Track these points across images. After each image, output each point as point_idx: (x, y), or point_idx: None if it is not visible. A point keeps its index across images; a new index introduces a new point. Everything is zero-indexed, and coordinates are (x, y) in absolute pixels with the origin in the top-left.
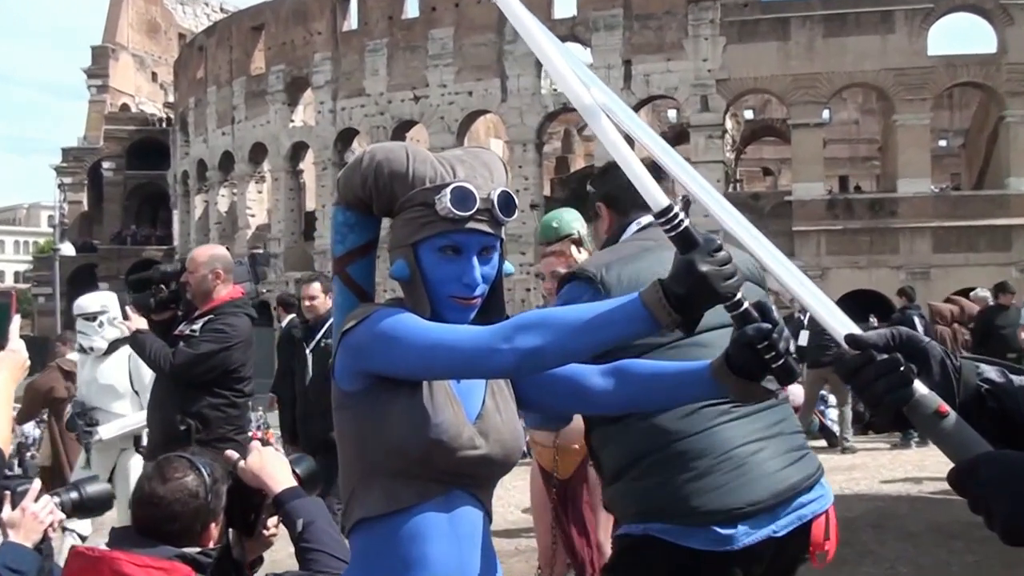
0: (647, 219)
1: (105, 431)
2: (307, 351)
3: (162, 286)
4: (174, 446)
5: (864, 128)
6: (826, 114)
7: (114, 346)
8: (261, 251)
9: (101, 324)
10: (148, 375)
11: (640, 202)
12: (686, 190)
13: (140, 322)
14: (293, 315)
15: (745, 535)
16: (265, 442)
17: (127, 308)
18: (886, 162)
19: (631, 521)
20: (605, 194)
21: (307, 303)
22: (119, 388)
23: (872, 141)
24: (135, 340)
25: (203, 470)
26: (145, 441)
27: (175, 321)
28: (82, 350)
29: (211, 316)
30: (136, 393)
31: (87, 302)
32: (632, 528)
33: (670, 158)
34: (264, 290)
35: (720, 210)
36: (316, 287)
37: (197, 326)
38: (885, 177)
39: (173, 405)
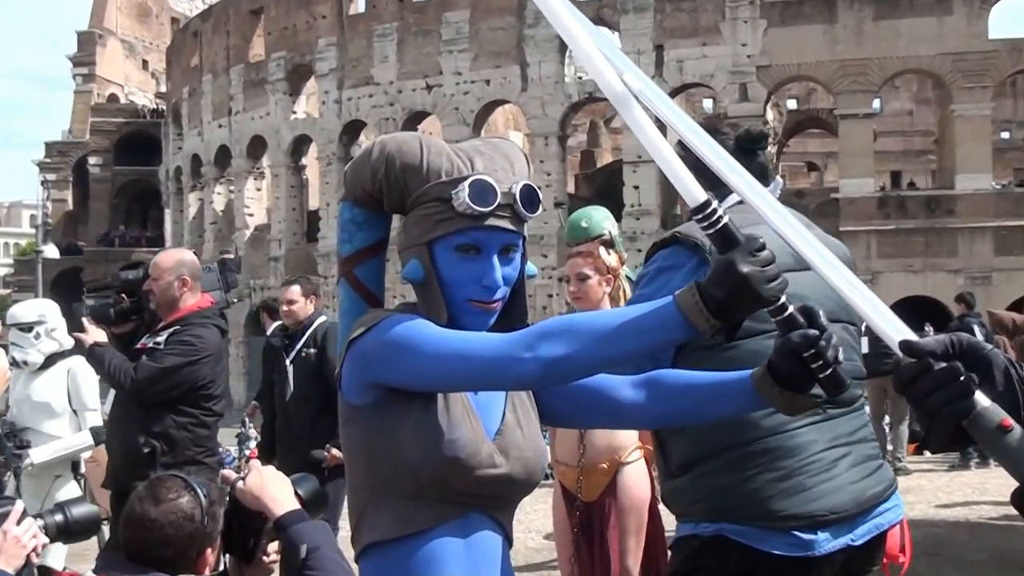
0: (732, 200)
1: (37, 455)
2: (287, 362)
3: (123, 295)
4: (136, 470)
5: (918, 119)
6: (877, 104)
7: (51, 360)
8: (231, 256)
9: (38, 336)
10: (90, 393)
11: (718, 183)
12: (728, 183)
13: (98, 334)
14: (280, 322)
15: (826, 542)
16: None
17: (84, 319)
18: (943, 156)
19: (699, 519)
20: (694, 163)
21: (285, 308)
22: (55, 406)
23: (927, 133)
24: (92, 354)
25: (199, 491)
26: (84, 468)
27: (137, 333)
28: (15, 364)
29: (177, 327)
30: (74, 412)
31: (21, 311)
32: (701, 528)
33: (711, 151)
34: (234, 299)
35: (766, 207)
36: (295, 291)
37: (161, 338)
38: (942, 172)
39: (135, 425)
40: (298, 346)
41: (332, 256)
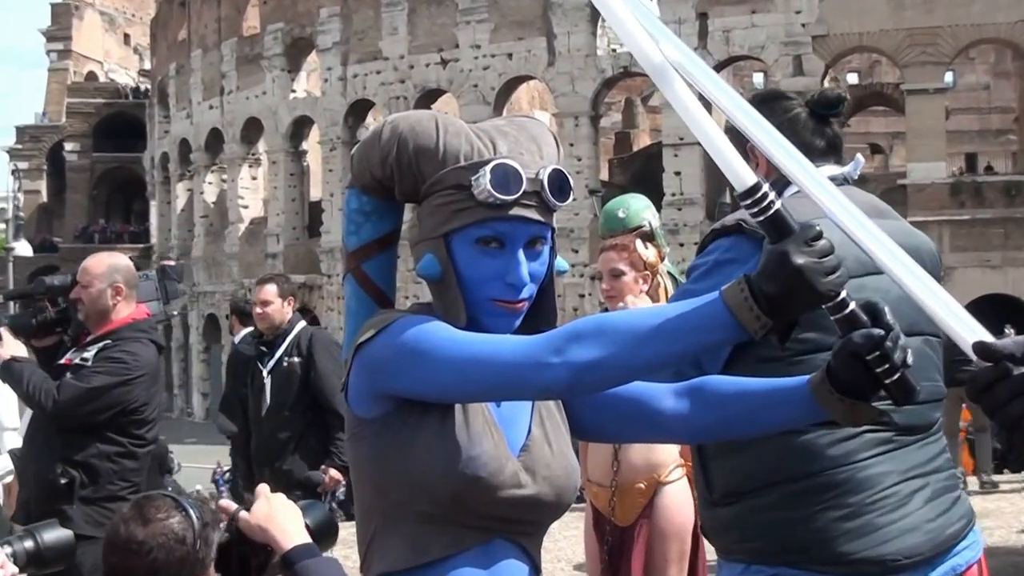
0: (828, 171)
1: None
2: (264, 373)
3: (47, 303)
4: (49, 504)
5: (996, 95)
6: (949, 77)
7: None
8: (174, 263)
9: None
10: (7, 412)
11: (816, 150)
12: (781, 169)
13: (15, 347)
14: (251, 328)
15: None
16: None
17: (0, 330)
18: None
19: (750, 560)
20: (744, 147)
21: (259, 311)
22: None
23: (1006, 110)
24: (8, 370)
25: (191, 511)
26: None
27: (60, 347)
28: None
29: (108, 341)
30: None
31: None
32: (753, 573)
33: (761, 130)
34: (174, 312)
35: (823, 193)
36: (271, 290)
37: (90, 354)
38: (1023, 155)
39: (53, 452)
40: (278, 354)
41: (336, 253)
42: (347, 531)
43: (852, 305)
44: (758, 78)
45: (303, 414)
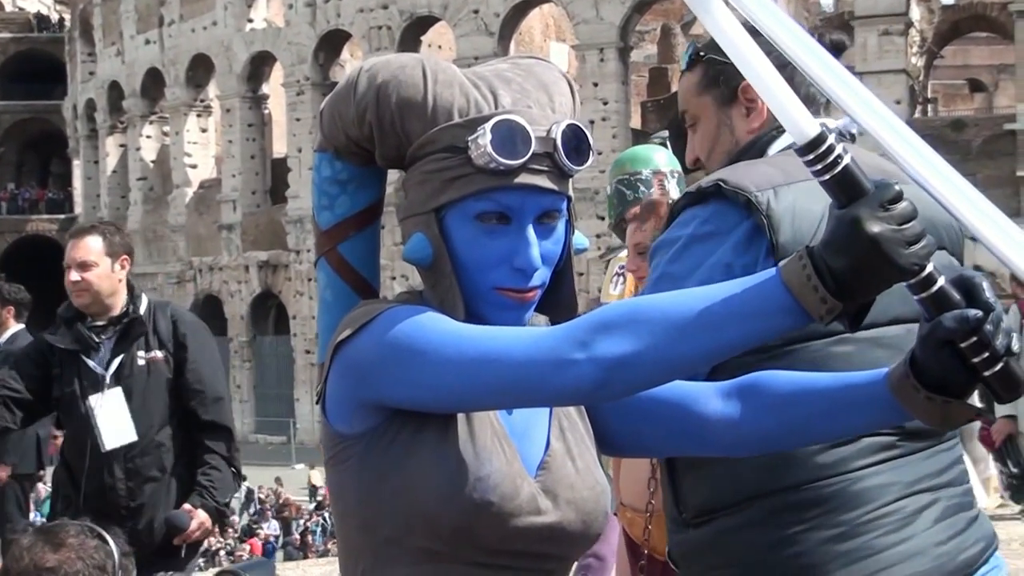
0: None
1: None
2: (99, 372)
3: None
4: None
5: None
6: None
7: None
8: None
9: None
10: None
11: (818, 102)
12: (847, 114)
13: None
14: (21, 327)
15: None
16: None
17: None
18: None
19: None
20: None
21: (75, 277)
22: None
23: None
24: None
25: (108, 539)
26: None
27: None
28: None
29: None
30: None
31: None
32: None
33: (822, 65)
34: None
35: (901, 144)
36: (93, 245)
37: None
38: None
39: None
40: (112, 345)
41: (306, 222)
42: (323, 570)
43: (941, 281)
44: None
45: (173, 436)
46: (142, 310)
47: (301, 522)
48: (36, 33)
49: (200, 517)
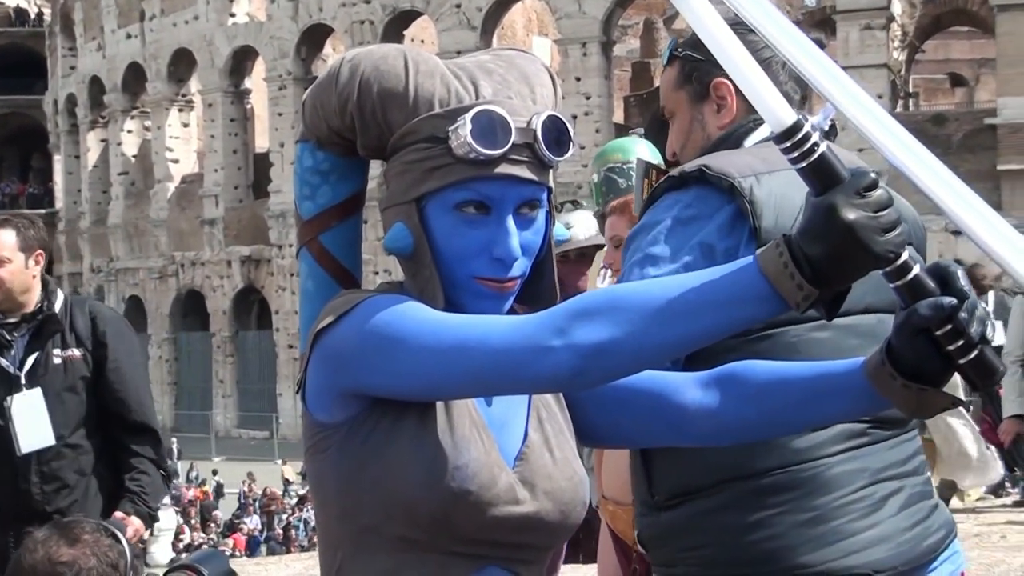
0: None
1: None
2: (13, 372)
3: None
4: None
5: None
6: None
7: None
8: None
9: None
10: None
11: (792, 100)
12: (831, 104)
13: None
14: None
15: None
16: None
17: None
18: None
19: (696, 570)
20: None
21: None
22: None
23: None
24: None
25: (121, 538)
26: None
27: None
28: None
29: None
30: None
31: None
32: None
33: (806, 55)
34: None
35: (885, 135)
36: (4, 239)
37: None
38: None
39: None
40: (25, 343)
41: (289, 217)
42: (304, 564)
43: (916, 269)
44: None
45: (91, 437)
46: (57, 307)
47: (283, 517)
48: (16, 28)
49: (135, 524)
